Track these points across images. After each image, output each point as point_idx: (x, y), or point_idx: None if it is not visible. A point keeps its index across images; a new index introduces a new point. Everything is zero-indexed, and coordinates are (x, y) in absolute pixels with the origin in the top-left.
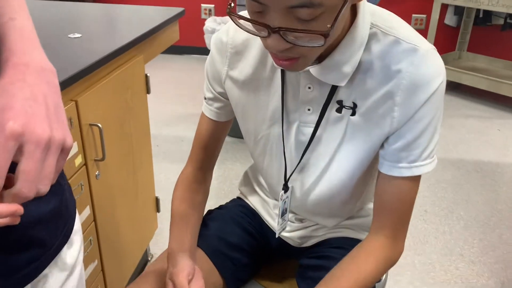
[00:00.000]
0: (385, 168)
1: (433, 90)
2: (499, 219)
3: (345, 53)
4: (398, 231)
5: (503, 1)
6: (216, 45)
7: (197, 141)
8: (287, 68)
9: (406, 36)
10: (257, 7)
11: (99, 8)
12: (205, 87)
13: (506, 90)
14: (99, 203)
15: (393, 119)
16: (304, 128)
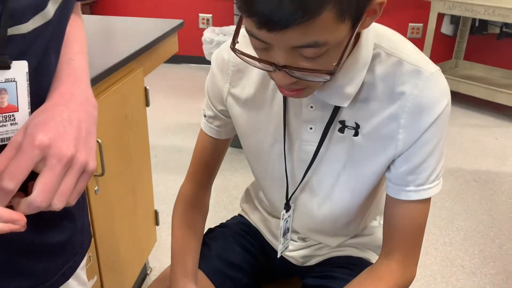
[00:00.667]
0: (393, 191)
1: (438, 113)
2: (499, 229)
3: (348, 75)
4: (409, 255)
5: (499, 10)
6: (217, 63)
7: (196, 158)
8: (293, 97)
9: (410, 58)
10: (261, 45)
11: (97, 21)
12: (205, 104)
13: (502, 99)
14: (98, 219)
15: (398, 142)
16: (306, 146)
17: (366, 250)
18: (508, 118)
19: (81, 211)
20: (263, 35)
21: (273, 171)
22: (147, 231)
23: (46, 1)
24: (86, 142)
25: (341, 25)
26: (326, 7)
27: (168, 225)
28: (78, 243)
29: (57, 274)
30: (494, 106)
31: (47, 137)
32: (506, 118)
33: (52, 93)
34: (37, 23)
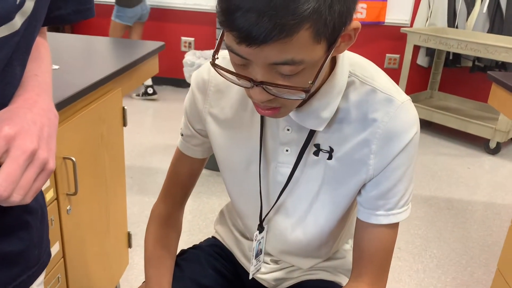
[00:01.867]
0: (363, 215)
1: (407, 140)
2: (470, 257)
3: (323, 100)
4: (378, 278)
5: (471, 45)
6: (197, 83)
7: (171, 177)
8: (269, 116)
9: (382, 86)
10: (240, 61)
11: (79, 40)
12: (183, 124)
13: (474, 130)
14: (69, 239)
15: (369, 167)
16: (281, 168)
17: (338, 273)
18: (480, 148)
19: (39, 223)
20: (242, 50)
21: (248, 191)
22: (119, 253)
23: (13, 13)
24: (47, 143)
25: (317, 45)
26: (303, 27)
27: (141, 248)
28: (34, 257)
29: (8, 286)
30: (467, 136)
31: (12, 130)
32: (477, 148)
33: (16, 98)
34: (3, 33)
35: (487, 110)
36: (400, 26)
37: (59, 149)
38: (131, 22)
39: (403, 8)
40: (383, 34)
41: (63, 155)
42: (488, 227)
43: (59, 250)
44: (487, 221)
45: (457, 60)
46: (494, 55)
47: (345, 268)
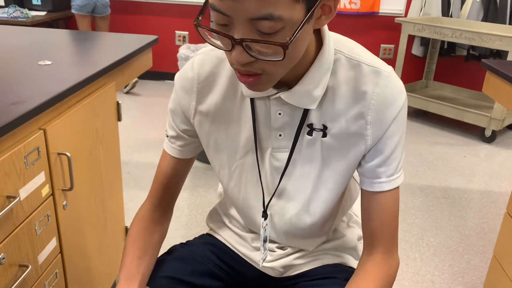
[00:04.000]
0: (367, 185)
1: (400, 106)
2: (467, 245)
3: (314, 78)
4: (391, 243)
5: (465, 34)
6: (182, 82)
7: (157, 179)
8: (251, 86)
9: (367, 60)
10: (222, 20)
11: (72, 35)
12: (168, 125)
13: (470, 118)
14: (66, 234)
15: (367, 137)
16: (276, 154)
17: (341, 254)
18: (476, 137)
19: None
20: (225, 5)
21: (247, 182)
22: (117, 247)
23: None
24: None
25: (296, 4)
26: None
27: None
28: None
29: None
30: (463, 125)
31: None
32: (473, 137)
33: None
34: None
35: (482, 98)
36: (395, 16)
37: (54, 145)
38: (85, 11)
39: None
40: (377, 25)
41: (57, 151)
42: (484, 214)
43: (56, 245)
44: (483, 209)
45: (452, 49)
46: (488, 43)
47: (347, 247)
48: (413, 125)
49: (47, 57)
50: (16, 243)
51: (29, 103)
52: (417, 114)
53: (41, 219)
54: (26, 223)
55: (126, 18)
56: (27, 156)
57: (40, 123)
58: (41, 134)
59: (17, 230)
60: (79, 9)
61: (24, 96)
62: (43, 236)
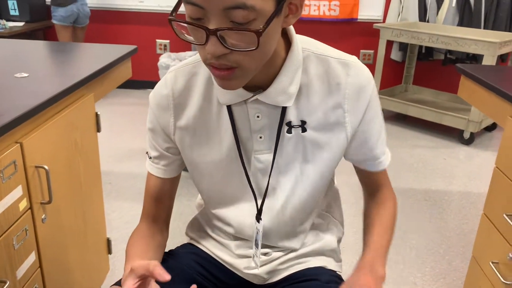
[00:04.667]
0: (371, 167)
1: (371, 90)
2: (448, 246)
3: (287, 75)
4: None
5: (442, 39)
6: (157, 101)
7: (147, 198)
8: (226, 81)
9: (334, 54)
10: (196, 13)
11: (50, 46)
12: (149, 146)
13: (449, 121)
14: (46, 248)
15: (346, 125)
16: (259, 156)
17: (322, 257)
18: (455, 139)
19: None
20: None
21: (237, 187)
22: (99, 260)
23: None
24: None
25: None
26: None
27: (122, 254)
28: None
29: None
30: (442, 128)
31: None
32: (452, 139)
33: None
34: None
35: (460, 101)
36: (373, 22)
37: (31, 158)
38: (68, 22)
39: (375, 4)
40: (356, 31)
41: (35, 164)
42: (464, 216)
43: (35, 260)
44: (463, 210)
45: (430, 53)
46: (464, 47)
47: (328, 249)
48: (394, 129)
49: (24, 69)
50: None
51: (5, 116)
52: (397, 118)
53: (19, 234)
54: (3, 238)
55: (107, 27)
56: (3, 170)
57: (16, 137)
58: (18, 148)
59: None
60: (62, 20)
61: (0, 109)
62: (21, 250)
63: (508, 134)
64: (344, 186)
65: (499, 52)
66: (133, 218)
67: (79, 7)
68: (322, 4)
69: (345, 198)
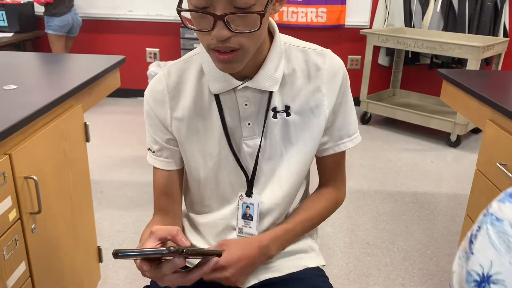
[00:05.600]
0: (332, 149)
1: (342, 75)
2: (435, 247)
3: (273, 62)
4: (340, 181)
5: (427, 43)
6: (153, 96)
7: (156, 193)
8: (228, 64)
9: (309, 46)
10: (201, 2)
11: (38, 58)
12: (150, 141)
13: (436, 124)
14: (36, 258)
15: (324, 107)
16: (248, 141)
17: (302, 255)
18: (442, 142)
19: None
20: None
21: (229, 172)
22: (90, 268)
23: None
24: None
25: None
26: None
27: (113, 262)
28: None
29: None
30: (429, 131)
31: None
32: (440, 142)
33: None
34: None
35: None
36: (360, 28)
37: (20, 169)
38: (63, 32)
39: (362, 10)
40: (344, 37)
41: (24, 175)
42: (452, 217)
43: (25, 269)
44: (450, 211)
45: (416, 58)
46: (448, 52)
47: (306, 247)
48: (382, 132)
49: (12, 81)
50: None
51: None
52: (385, 122)
53: (9, 244)
54: None
55: (97, 36)
56: None
57: (5, 148)
58: (7, 159)
59: None
60: (58, 30)
61: None
62: (12, 260)
63: (487, 137)
64: None
65: (483, 56)
66: (124, 227)
67: (73, 17)
68: (309, 11)
69: None
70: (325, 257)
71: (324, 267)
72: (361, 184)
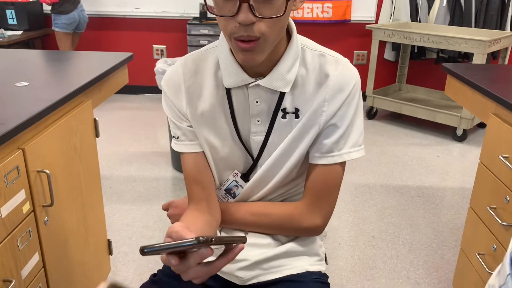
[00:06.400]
0: (318, 159)
1: (352, 89)
2: (441, 240)
3: (287, 63)
4: (314, 205)
5: (433, 38)
6: (170, 84)
7: (187, 181)
8: (249, 55)
9: (327, 52)
10: None
11: (48, 55)
12: (173, 127)
13: (442, 119)
14: (49, 249)
15: (323, 113)
16: (254, 137)
17: (303, 257)
18: (448, 136)
19: None
20: None
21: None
22: (100, 261)
23: None
24: None
25: None
26: None
27: (123, 255)
28: None
29: None
30: (435, 125)
31: None
32: (446, 136)
33: None
34: None
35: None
36: (366, 23)
37: (33, 164)
38: (70, 29)
39: (368, 5)
40: (350, 32)
41: (37, 169)
42: (457, 211)
43: (39, 260)
44: (455, 205)
45: (422, 52)
46: (454, 46)
47: (310, 252)
48: (389, 127)
49: (24, 78)
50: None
51: (7, 124)
52: (392, 117)
53: (23, 235)
54: (8, 239)
55: (104, 34)
56: (7, 175)
57: (18, 143)
58: (20, 154)
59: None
60: (65, 27)
61: (2, 117)
62: (26, 251)
63: (490, 131)
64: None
65: (489, 50)
66: (133, 221)
67: (80, 13)
68: (315, 6)
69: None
70: (330, 250)
71: (327, 274)
72: (366, 178)
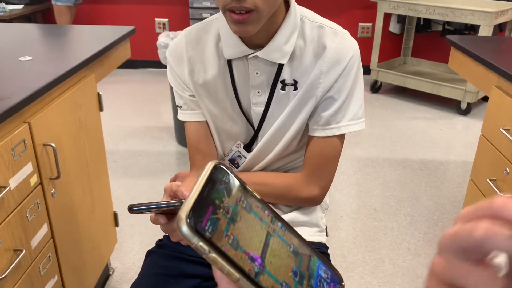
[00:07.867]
0: (318, 132)
1: (349, 60)
2: (441, 213)
3: (284, 35)
4: (312, 176)
5: (439, 10)
6: (173, 53)
7: (190, 148)
8: (242, 26)
9: (327, 23)
10: None
11: (50, 30)
12: (176, 97)
13: (446, 92)
14: (57, 220)
15: (320, 85)
16: (256, 108)
17: (304, 227)
18: (452, 110)
19: None
20: None
21: (239, 129)
22: (107, 232)
23: None
24: None
25: None
26: None
27: (129, 227)
28: None
29: None
30: (439, 99)
31: None
32: (450, 110)
33: None
34: None
35: None
36: None
37: (39, 137)
38: (71, 2)
39: None
40: (354, 4)
41: (43, 142)
42: (459, 184)
43: (47, 231)
44: (457, 178)
45: (428, 25)
46: (460, 18)
47: (312, 222)
48: (392, 101)
49: (27, 52)
50: (9, 230)
51: (13, 98)
52: (396, 91)
53: (31, 207)
54: (17, 210)
55: (106, 7)
56: (14, 148)
57: (24, 117)
58: (26, 127)
59: (9, 217)
60: (66, 1)
61: (8, 92)
62: (35, 222)
63: (492, 103)
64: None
65: (496, 22)
66: (138, 194)
67: None
68: None
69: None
70: (332, 222)
71: (328, 245)
72: (369, 152)
